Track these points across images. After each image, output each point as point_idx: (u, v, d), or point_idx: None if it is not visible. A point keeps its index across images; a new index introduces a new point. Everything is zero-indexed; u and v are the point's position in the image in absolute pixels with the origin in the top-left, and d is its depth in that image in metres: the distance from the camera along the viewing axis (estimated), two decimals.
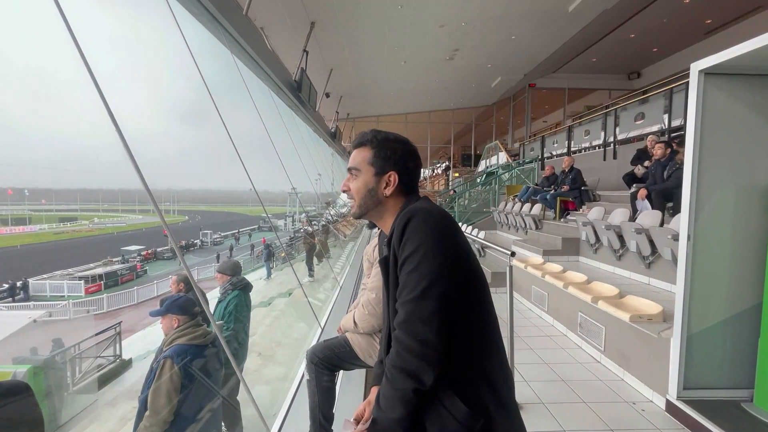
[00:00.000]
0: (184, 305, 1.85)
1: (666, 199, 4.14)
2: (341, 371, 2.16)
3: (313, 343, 3.09)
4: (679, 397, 2.38)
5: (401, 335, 0.79)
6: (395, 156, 0.96)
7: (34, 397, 1.71)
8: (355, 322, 1.57)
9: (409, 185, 0.98)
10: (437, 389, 0.79)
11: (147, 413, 1.76)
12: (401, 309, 0.80)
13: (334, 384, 1.64)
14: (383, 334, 0.98)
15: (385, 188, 0.96)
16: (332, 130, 12.43)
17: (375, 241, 1.63)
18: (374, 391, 1.03)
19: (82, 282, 17.95)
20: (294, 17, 7.48)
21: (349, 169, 0.99)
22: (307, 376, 1.63)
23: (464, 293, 0.83)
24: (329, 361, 1.60)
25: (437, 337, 0.76)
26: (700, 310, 2.38)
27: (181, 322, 1.85)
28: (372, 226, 1.90)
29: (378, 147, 0.97)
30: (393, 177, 0.95)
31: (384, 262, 0.91)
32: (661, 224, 3.79)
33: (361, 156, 0.98)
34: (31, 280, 17.43)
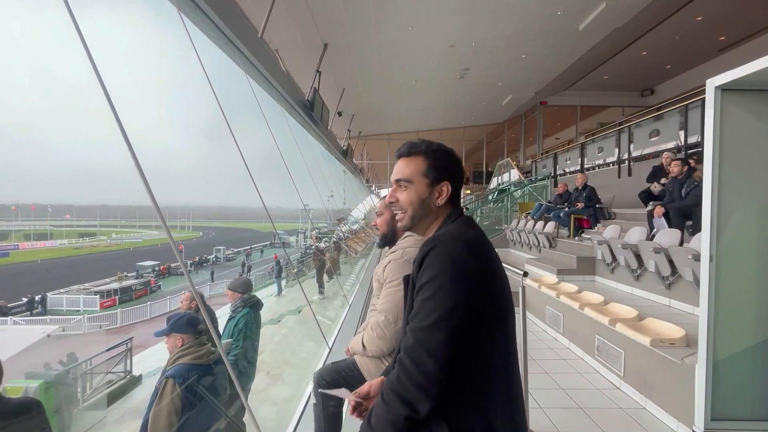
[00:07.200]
0: (188, 323, 1.82)
1: (685, 217, 4.01)
2: None
3: (320, 363, 3.03)
4: (707, 429, 2.23)
5: (405, 360, 0.77)
6: (450, 167, 0.96)
7: (45, 414, 1.70)
8: (363, 344, 1.51)
9: (457, 195, 0.98)
10: (429, 416, 0.77)
11: None
12: (411, 334, 0.79)
13: (341, 409, 1.58)
14: (395, 350, 0.95)
15: (437, 198, 0.95)
16: (344, 148, 12.60)
17: (385, 260, 1.59)
18: (381, 381, 0.97)
19: (98, 297, 18.27)
20: (307, 39, 7.71)
21: (398, 180, 0.97)
22: (313, 400, 1.58)
23: (480, 324, 0.79)
24: (337, 384, 1.53)
25: (440, 371, 0.74)
26: (726, 334, 2.25)
27: (185, 341, 1.82)
28: (383, 245, 1.87)
29: (432, 158, 0.95)
30: (447, 187, 0.95)
31: (405, 282, 0.89)
32: (681, 243, 3.65)
33: (413, 166, 0.95)
34: (48, 295, 17.84)
